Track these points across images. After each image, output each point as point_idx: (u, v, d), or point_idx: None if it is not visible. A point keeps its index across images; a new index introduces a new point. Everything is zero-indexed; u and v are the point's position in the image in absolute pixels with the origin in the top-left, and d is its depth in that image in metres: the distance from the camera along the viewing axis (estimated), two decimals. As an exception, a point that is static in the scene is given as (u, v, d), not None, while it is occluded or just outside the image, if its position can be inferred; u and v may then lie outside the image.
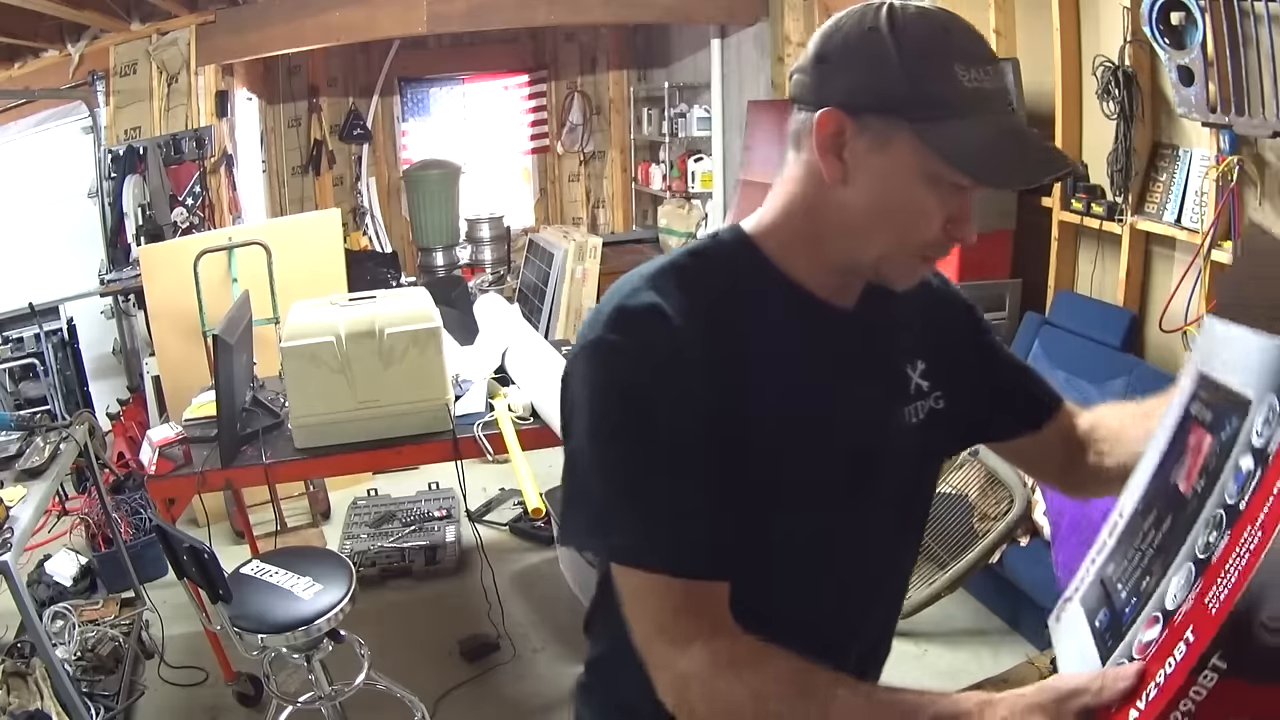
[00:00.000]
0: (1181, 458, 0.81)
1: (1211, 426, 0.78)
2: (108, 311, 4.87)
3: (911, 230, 0.88)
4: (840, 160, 0.86)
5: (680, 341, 0.86)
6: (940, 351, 1.05)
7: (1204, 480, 0.75)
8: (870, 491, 0.97)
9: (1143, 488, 0.87)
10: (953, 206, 0.87)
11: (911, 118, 0.83)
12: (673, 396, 0.85)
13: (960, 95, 0.82)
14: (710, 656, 0.81)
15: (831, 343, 0.95)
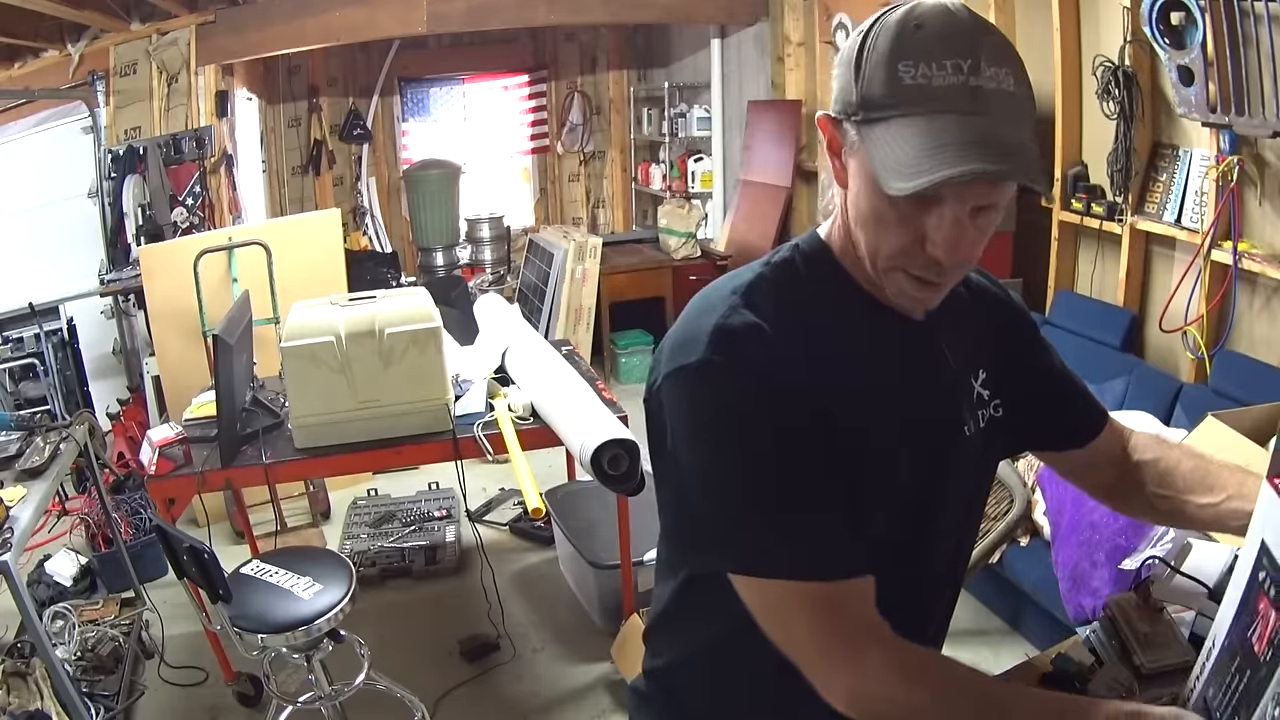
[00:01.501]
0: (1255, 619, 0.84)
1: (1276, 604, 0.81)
2: (108, 311, 4.87)
3: (878, 240, 0.86)
4: (841, 162, 0.88)
5: (779, 356, 0.87)
6: (999, 361, 1.06)
7: (1271, 651, 0.79)
8: (941, 495, 0.98)
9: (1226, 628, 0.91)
10: (925, 220, 0.83)
11: (857, 120, 0.82)
12: (781, 410, 0.86)
13: (895, 94, 0.79)
14: (892, 665, 0.84)
15: (904, 351, 0.95)
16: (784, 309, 0.90)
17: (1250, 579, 0.86)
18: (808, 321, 0.91)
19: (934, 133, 0.77)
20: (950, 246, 0.83)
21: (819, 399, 0.88)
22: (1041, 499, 2.82)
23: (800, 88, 5.43)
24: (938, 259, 0.84)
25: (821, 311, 0.93)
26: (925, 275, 0.86)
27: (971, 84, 0.78)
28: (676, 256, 5.65)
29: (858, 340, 0.93)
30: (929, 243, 0.83)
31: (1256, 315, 2.85)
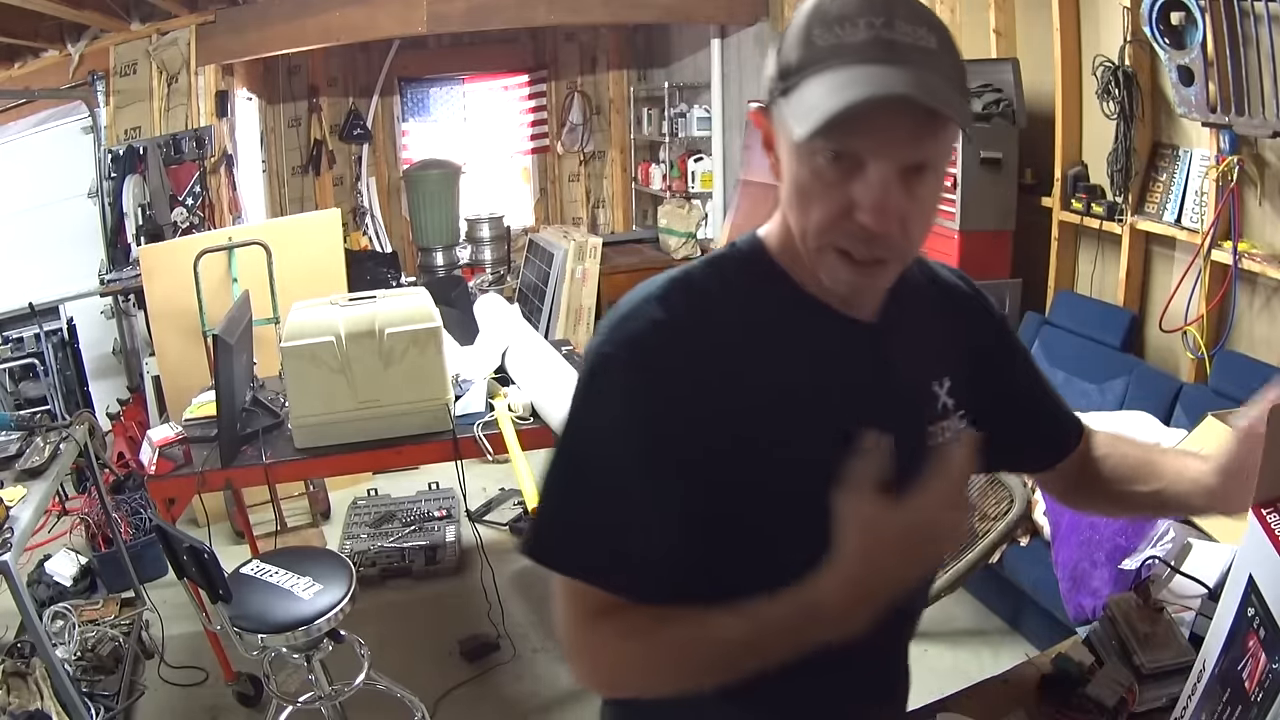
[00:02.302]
0: (1245, 655, 0.85)
1: (1265, 645, 0.81)
2: (108, 311, 4.87)
3: (806, 215, 0.82)
4: (774, 153, 0.86)
5: (676, 359, 0.84)
6: (968, 369, 1.01)
7: (1261, 694, 0.80)
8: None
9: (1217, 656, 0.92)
10: (851, 187, 0.78)
11: (778, 93, 0.82)
12: (660, 416, 0.83)
13: (812, 57, 0.78)
14: (619, 631, 0.84)
15: (846, 356, 0.90)
16: (703, 308, 0.87)
17: (1239, 613, 0.86)
18: (729, 322, 0.87)
19: (844, 79, 0.75)
20: (878, 210, 0.77)
21: (723, 407, 0.84)
22: (1041, 499, 2.82)
23: (800, 88, 5.43)
24: (866, 225, 0.78)
25: (748, 312, 0.88)
26: (857, 250, 0.81)
27: (885, 37, 0.75)
28: (677, 257, 5.66)
29: (789, 342, 0.88)
30: (857, 210, 0.78)
31: (1256, 315, 2.85)
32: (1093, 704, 1.30)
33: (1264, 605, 0.82)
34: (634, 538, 0.85)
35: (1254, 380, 2.64)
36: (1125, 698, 1.28)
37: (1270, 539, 0.81)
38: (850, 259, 0.81)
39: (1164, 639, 1.35)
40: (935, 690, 1.30)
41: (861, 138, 0.76)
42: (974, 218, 3.59)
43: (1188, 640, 1.34)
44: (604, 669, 0.87)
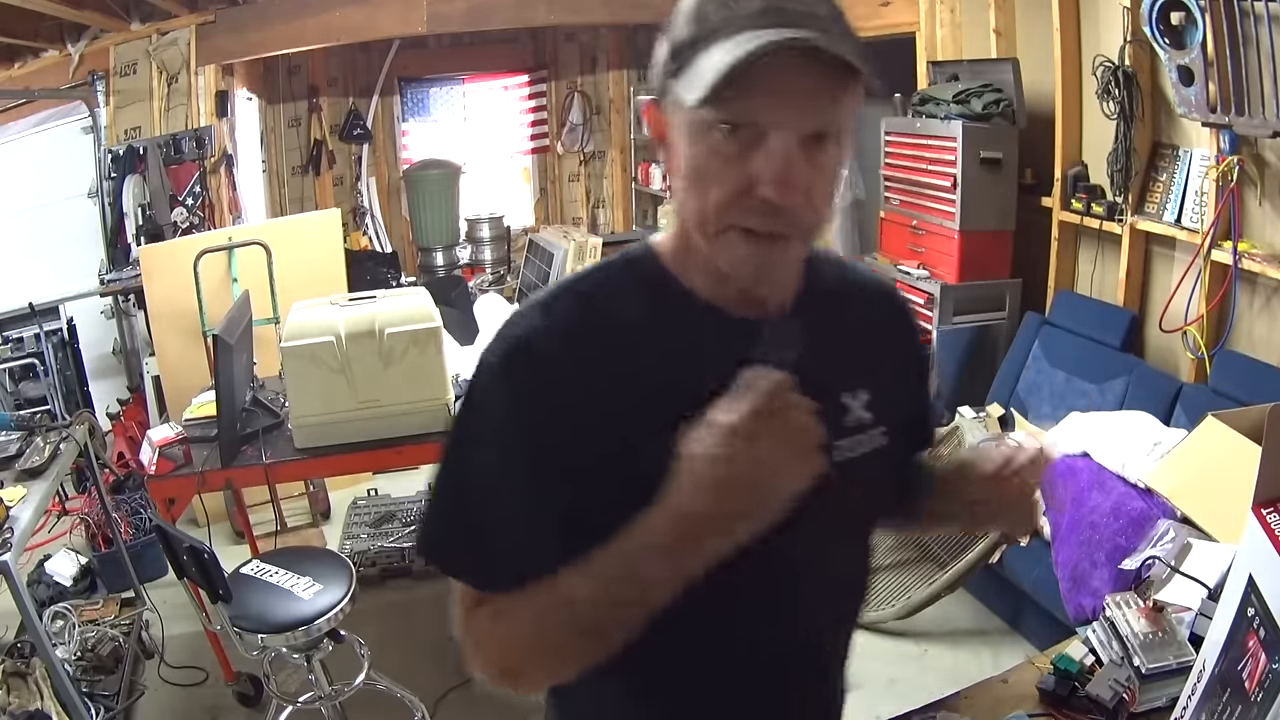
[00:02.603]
0: (1245, 655, 0.85)
1: (1265, 645, 0.81)
2: (108, 311, 4.87)
3: (705, 198, 0.78)
4: (667, 145, 0.83)
5: (560, 365, 0.83)
6: (887, 383, 0.96)
7: (1261, 694, 0.80)
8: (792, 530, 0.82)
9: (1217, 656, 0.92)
10: (752, 161, 0.76)
11: (670, 75, 0.79)
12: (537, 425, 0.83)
13: (705, 31, 0.76)
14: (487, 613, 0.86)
15: (732, 351, 0.83)
16: (588, 314, 0.86)
17: (1239, 613, 0.86)
18: (615, 327, 0.85)
19: (738, 42, 0.73)
20: (780, 181, 0.75)
21: (609, 409, 0.82)
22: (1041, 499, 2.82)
23: (800, 88, 5.43)
24: (769, 198, 0.75)
25: (635, 316, 0.86)
26: (760, 225, 0.77)
27: (777, 4, 0.74)
28: (676, 256, 5.64)
29: (675, 346, 0.86)
30: (758, 183, 0.75)
31: (1256, 315, 2.85)
32: (1093, 704, 1.30)
33: (1264, 605, 0.82)
34: (512, 539, 0.85)
35: (1254, 380, 2.66)
36: (1125, 698, 1.28)
37: (1270, 539, 0.81)
38: (752, 235, 0.78)
39: (1164, 639, 1.35)
40: (935, 690, 1.31)
41: (760, 103, 0.74)
42: (974, 218, 3.59)
43: (1188, 640, 1.34)
44: (486, 656, 0.87)
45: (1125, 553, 2.29)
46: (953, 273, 3.67)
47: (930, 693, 1.28)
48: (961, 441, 3.18)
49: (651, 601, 0.77)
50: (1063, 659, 1.38)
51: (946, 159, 3.60)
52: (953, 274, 3.67)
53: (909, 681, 2.76)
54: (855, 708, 1.08)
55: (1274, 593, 0.81)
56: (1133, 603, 1.44)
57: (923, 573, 3.02)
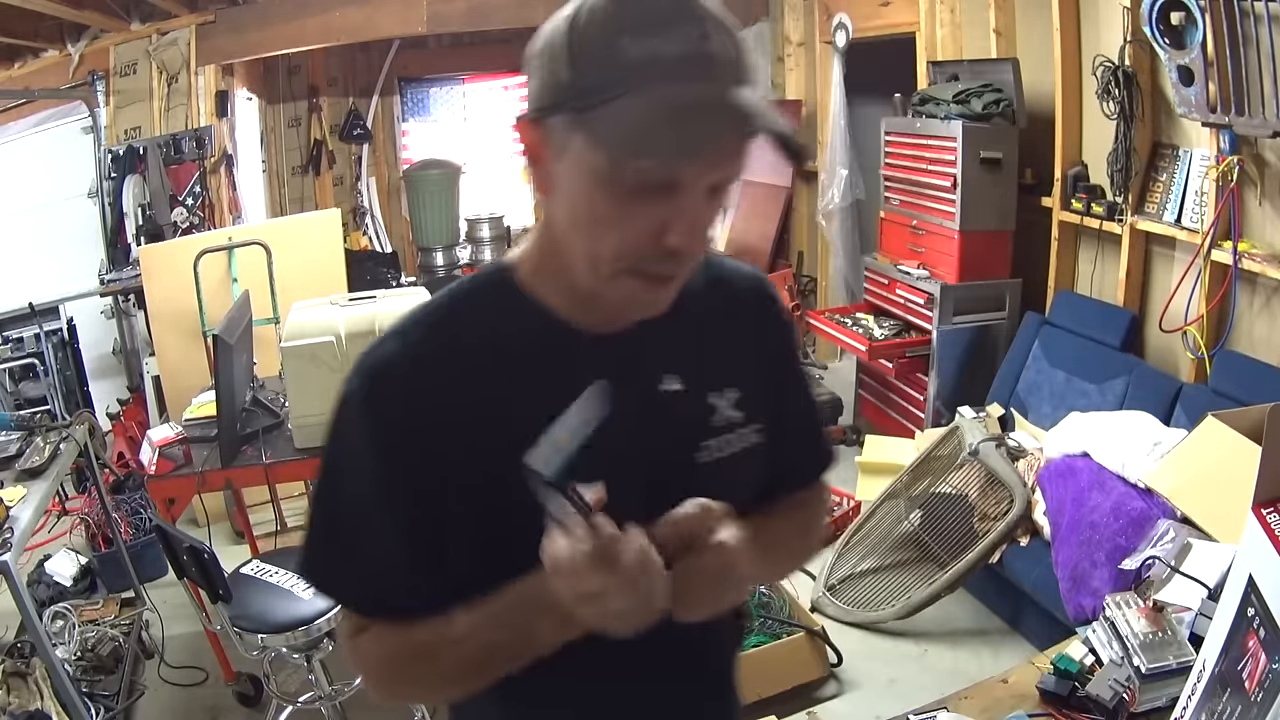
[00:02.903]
0: (1245, 655, 0.85)
1: (1265, 645, 0.82)
2: (108, 311, 4.87)
3: (602, 243, 0.76)
4: (544, 171, 0.79)
5: (413, 393, 0.82)
6: (758, 379, 0.95)
7: (1261, 694, 0.80)
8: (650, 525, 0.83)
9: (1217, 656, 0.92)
10: (660, 210, 0.73)
11: (575, 109, 0.73)
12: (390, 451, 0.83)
13: (620, 71, 0.70)
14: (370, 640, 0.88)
15: (593, 372, 0.80)
16: (441, 339, 0.85)
17: (1239, 613, 0.86)
18: (469, 350, 0.84)
19: (672, 105, 0.69)
20: (692, 232, 0.74)
21: (464, 433, 0.82)
22: (1041, 499, 2.82)
23: (800, 88, 5.43)
24: (677, 248, 0.74)
25: (490, 339, 0.85)
26: (661, 270, 0.77)
27: (704, 51, 0.71)
28: (676, 256, 5.65)
29: (532, 368, 0.84)
30: (669, 233, 0.74)
31: (1256, 315, 2.85)
32: (1093, 704, 1.30)
33: (1264, 605, 0.82)
34: (385, 568, 0.86)
35: (1254, 380, 2.66)
36: (1125, 698, 1.28)
37: (1270, 539, 0.81)
38: (646, 277, 0.77)
39: (1164, 639, 1.35)
40: (935, 690, 1.31)
41: (685, 165, 0.72)
42: (974, 218, 3.59)
43: (1188, 640, 1.34)
44: (374, 676, 0.91)
45: (1125, 553, 2.29)
46: (953, 273, 3.67)
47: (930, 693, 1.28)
48: (961, 442, 3.18)
49: (541, 648, 0.81)
50: (1063, 659, 1.38)
51: (946, 159, 3.60)
52: (953, 274, 3.67)
53: (909, 681, 2.76)
54: (855, 708, 1.08)
55: (1274, 593, 0.81)
56: (1133, 603, 1.45)
57: (922, 573, 3.02)
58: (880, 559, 3.20)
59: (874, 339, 3.94)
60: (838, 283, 5.22)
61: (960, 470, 3.10)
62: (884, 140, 4.10)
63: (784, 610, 2.91)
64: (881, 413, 4.25)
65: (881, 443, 3.80)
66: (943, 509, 3.07)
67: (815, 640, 2.78)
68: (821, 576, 3.25)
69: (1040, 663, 1.42)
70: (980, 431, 3.16)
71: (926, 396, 3.82)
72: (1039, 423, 3.27)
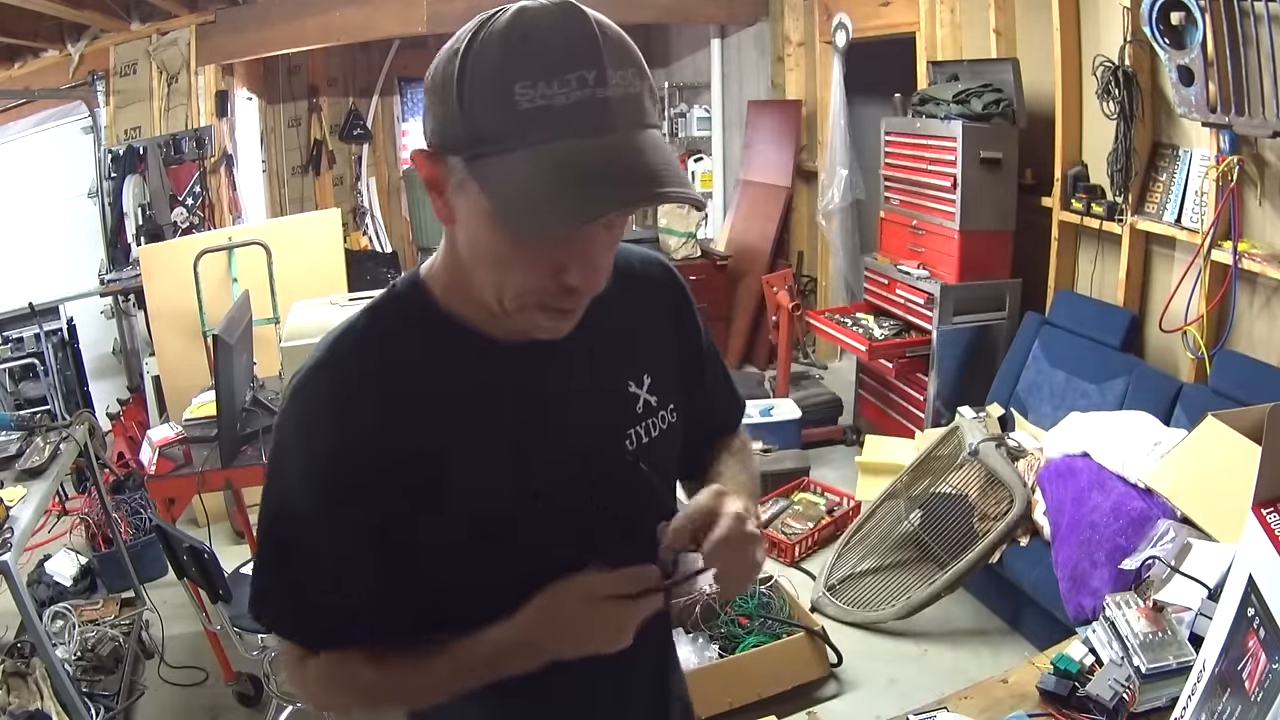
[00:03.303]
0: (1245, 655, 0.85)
1: (1265, 645, 0.82)
2: (108, 311, 4.87)
3: (504, 279, 0.77)
4: (444, 201, 0.79)
5: (345, 415, 0.82)
6: (668, 361, 0.99)
7: (1261, 694, 0.80)
8: (588, 531, 0.89)
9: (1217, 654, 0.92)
10: (558, 252, 0.75)
11: (467, 156, 0.73)
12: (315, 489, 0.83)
13: (512, 123, 0.69)
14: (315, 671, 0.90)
15: (517, 382, 0.87)
16: (365, 358, 0.85)
17: (1239, 613, 0.86)
18: (393, 368, 0.84)
19: (563, 165, 0.69)
20: (589, 273, 0.77)
21: (398, 455, 0.82)
22: (1041, 499, 2.82)
23: (800, 88, 5.43)
24: (575, 287, 0.77)
25: (411, 355, 0.85)
26: (561, 305, 0.79)
27: (598, 96, 0.69)
28: (676, 256, 5.65)
29: (459, 384, 0.85)
30: (566, 274, 0.76)
31: (1256, 315, 2.85)
32: (1093, 704, 1.30)
33: (1264, 605, 0.82)
34: (329, 598, 0.87)
35: (1254, 380, 2.66)
36: (1125, 698, 1.28)
37: (1270, 539, 0.81)
38: (548, 310, 0.79)
39: (1164, 639, 1.35)
40: (935, 690, 1.31)
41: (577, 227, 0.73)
42: (974, 218, 3.59)
43: (1188, 640, 1.34)
44: (318, 700, 0.93)
45: (1125, 553, 2.29)
46: (953, 273, 3.67)
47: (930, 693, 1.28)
48: (961, 442, 3.18)
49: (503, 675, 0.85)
50: (1063, 659, 1.38)
51: (946, 159, 3.60)
52: (953, 274, 3.67)
53: (909, 681, 2.76)
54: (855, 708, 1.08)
55: (1274, 593, 0.81)
56: (1133, 603, 1.45)
57: (922, 573, 3.02)
58: (880, 559, 3.20)
59: (874, 339, 3.94)
60: (838, 283, 5.22)
61: (960, 470, 3.10)
62: (884, 140, 4.10)
63: (784, 610, 2.91)
64: (881, 413, 4.25)
65: (881, 443, 3.80)
66: (943, 509, 3.07)
67: (815, 640, 2.78)
68: (821, 576, 3.25)
69: (1040, 663, 1.42)
70: (980, 431, 3.16)
71: (926, 396, 3.82)
72: (1039, 423, 3.27)
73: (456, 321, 0.86)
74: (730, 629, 2.82)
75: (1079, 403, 3.16)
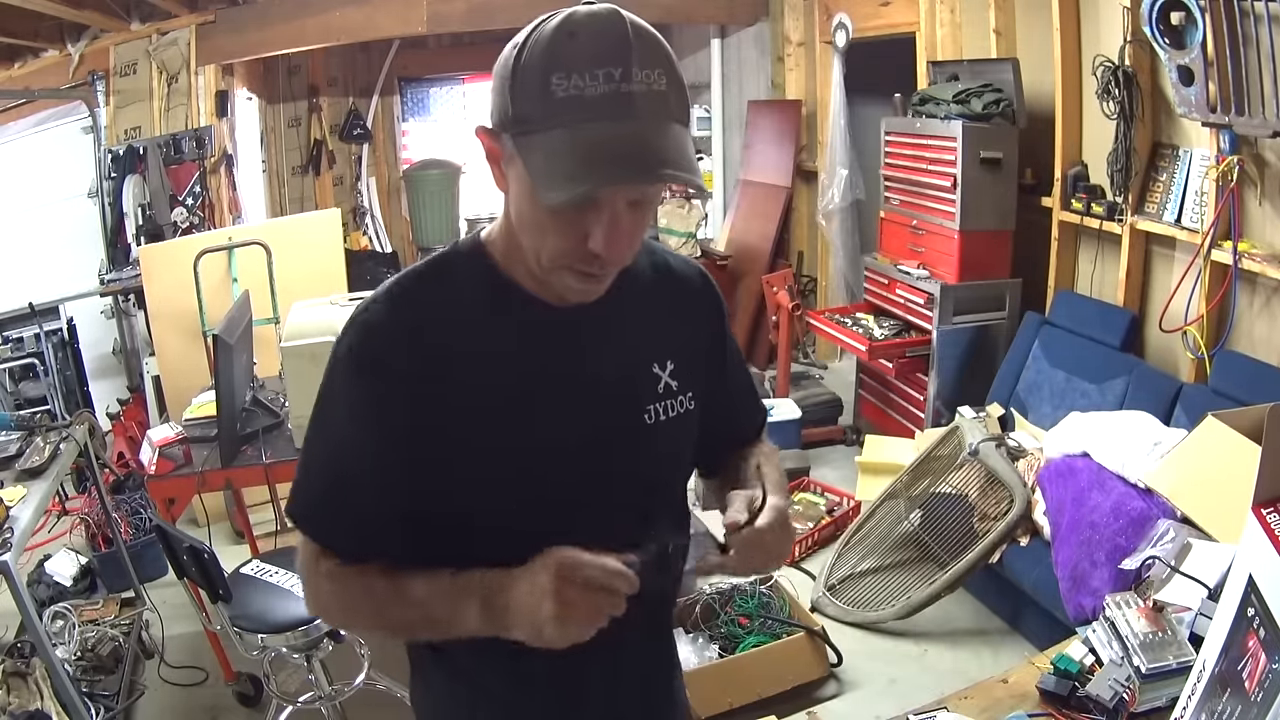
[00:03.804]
0: (1245, 655, 0.85)
1: (1265, 645, 0.82)
2: (108, 311, 4.87)
3: (541, 243, 0.89)
4: (499, 172, 0.92)
5: (398, 356, 0.93)
6: (690, 350, 1.08)
7: (1261, 694, 0.81)
8: (605, 489, 1.00)
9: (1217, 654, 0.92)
10: (584, 222, 0.86)
11: (514, 133, 0.85)
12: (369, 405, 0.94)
13: (547, 107, 0.82)
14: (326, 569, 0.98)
15: (555, 345, 0.98)
16: (421, 305, 0.96)
17: (1239, 613, 0.86)
18: (449, 319, 0.96)
19: (585, 144, 0.81)
20: (610, 243, 0.87)
21: (440, 397, 0.93)
22: (1041, 499, 2.82)
23: (800, 87, 5.43)
24: (599, 255, 0.87)
25: (462, 308, 0.97)
26: (589, 270, 0.90)
27: (623, 90, 0.81)
28: (676, 256, 5.65)
29: (504, 336, 0.97)
30: (591, 240, 0.87)
31: (1256, 315, 2.85)
32: (1093, 704, 1.30)
33: (1264, 605, 0.82)
34: (361, 508, 0.96)
35: (1254, 380, 2.66)
36: (1125, 698, 1.28)
37: (1270, 539, 0.81)
38: (581, 274, 0.90)
39: (1164, 639, 1.35)
40: (935, 690, 1.31)
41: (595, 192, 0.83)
42: (974, 218, 3.59)
43: (1188, 640, 1.34)
44: (316, 602, 1.02)
45: (1125, 553, 2.29)
46: (953, 273, 3.67)
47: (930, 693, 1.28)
48: (961, 442, 3.18)
49: (463, 634, 0.91)
50: (1063, 659, 1.38)
51: (946, 159, 3.60)
52: (953, 274, 3.67)
53: (909, 681, 2.76)
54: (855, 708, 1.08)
55: (1274, 593, 0.81)
56: (1133, 603, 1.45)
57: (923, 573, 3.03)
58: (880, 559, 3.20)
59: (874, 339, 3.94)
60: (838, 283, 5.22)
61: (960, 470, 3.10)
62: (884, 140, 4.10)
63: (784, 610, 2.91)
64: (881, 413, 4.25)
65: (881, 443, 3.80)
66: (943, 509, 3.07)
67: (815, 640, 2.78)
68: (821, 576, 3.25)
69: (1040, 663, 1.42)
70: (980, 431, 3.16)
71: (926, 396, 3.82)
72: (1039, 423, 3.27)
73: (509, 280, 0.97)
74: (730, 629, 2.82)
75: (1079, 403, 3.16)
